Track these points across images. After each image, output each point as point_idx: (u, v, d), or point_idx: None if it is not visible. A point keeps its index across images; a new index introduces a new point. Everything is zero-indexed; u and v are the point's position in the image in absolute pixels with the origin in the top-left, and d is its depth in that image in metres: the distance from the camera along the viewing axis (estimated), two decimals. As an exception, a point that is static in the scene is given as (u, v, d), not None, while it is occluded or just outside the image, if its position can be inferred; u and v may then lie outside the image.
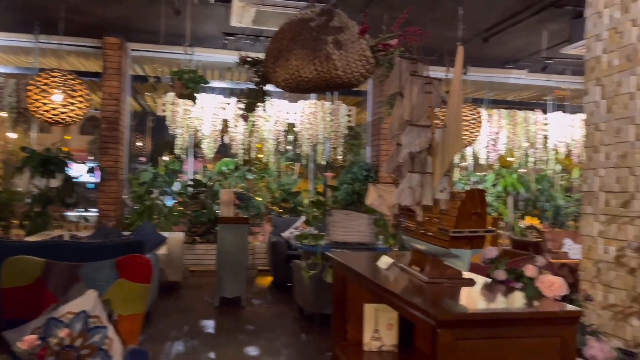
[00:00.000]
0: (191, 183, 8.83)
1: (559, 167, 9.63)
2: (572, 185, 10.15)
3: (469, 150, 9.01)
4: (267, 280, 8.01)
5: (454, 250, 1.52)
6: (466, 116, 7.21)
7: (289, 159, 10.02)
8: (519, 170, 9.70)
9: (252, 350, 4.56)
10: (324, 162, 9.08)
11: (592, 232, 3.70)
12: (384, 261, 1.99)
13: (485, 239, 1.51)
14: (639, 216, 3.29)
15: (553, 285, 1.42)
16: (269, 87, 3.61)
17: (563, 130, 9.07)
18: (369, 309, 2.16)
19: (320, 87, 2.92)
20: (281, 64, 2.85)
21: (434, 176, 1.63)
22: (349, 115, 8.73)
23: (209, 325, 5.37)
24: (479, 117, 6.86)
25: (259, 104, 3.16)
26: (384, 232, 3.97)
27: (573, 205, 9.42)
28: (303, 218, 7.94)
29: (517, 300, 1.48)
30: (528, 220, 9.87)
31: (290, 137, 9.04)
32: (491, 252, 1.82)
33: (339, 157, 9.27)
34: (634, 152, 3.36)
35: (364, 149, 9.66)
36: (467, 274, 1.73)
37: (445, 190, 1.59)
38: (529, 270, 1.56)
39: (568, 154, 9.28)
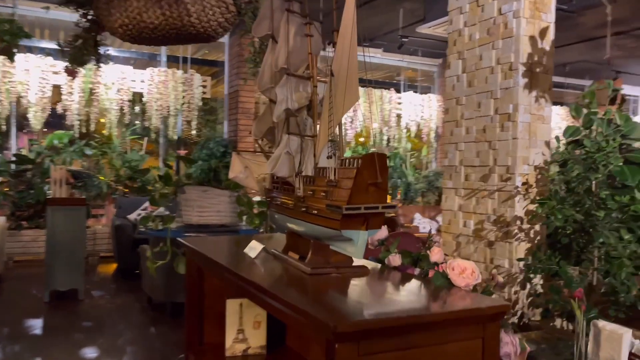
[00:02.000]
0: (14, 159, 7.54)
1: (409, 145, 10.06)
2: (421, 162, 10.69)
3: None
4: (110, 267, 7.20)
5: (346, 232, 1.20)
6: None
7: (136, 133, 9.07)
8: (373, 148, 9.94)
9: (90, 352, 3.92)
10: (176, 137, 8.35)
11: (453, 206, 3.71)
12: (253, 247, 1.61)
13: (383, 217, 1.22)
14: (497, 190, 3.34)
15: (465, 272, 1.18)
16: (112, 51, 2.98)
17: (414, 110, 9.44)
18: (232, 305, 1.77)
19: (169, 37, 2.41)
20: (117, 4, 2.28)
21: (318, 139, 1.29)
22: (203, 86, 8.10)
23: (36, 324, 4.56)
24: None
25: (90, 56, 2.54)
26: (248, 210, 3.57)
27: (422, 182, 9.90)
28: (152, 197, 7.22)
29: (426, 294, 1.20)
30: (381, 197, 10.19)
31: (137, 109, 8.15)
32: (381, 231, 1.55)
33: (193, 132, 8.61)
34: (494, 126, 3.39)
35: (220, 124, 9.11)
36: (357, 261, 1.42)
37: (335, 156, 1.27)
38: (435, 254, 1.31)
39: (418, 133, 9.70)
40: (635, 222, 2.89)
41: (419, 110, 9.45)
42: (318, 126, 1.29)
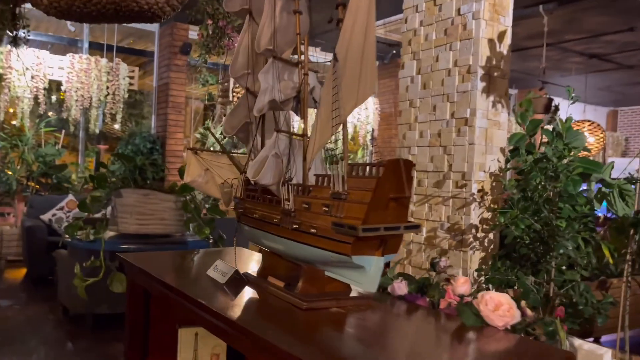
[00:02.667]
0: None
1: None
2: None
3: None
4: (19, 273, 6.50)
5: (357, 258, 0.94)
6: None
7: (52, 124, 8.30)
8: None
9: (-5, 375, 3.42)
10: (97, 131, 7.71)
11: (404, 212, 3.58)
12: (221, 269, 1.32)
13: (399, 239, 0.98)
14: (452, 196, 3.23)
15: (500, 308, 0.97)
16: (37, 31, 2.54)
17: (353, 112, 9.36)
18: (185, 335, 1.48)
19: (106, 14, 2.05)
20: (43, -31, 1.91)
21: (314, 139, 1.04)
22: (130, 77, 7.53)
23: None
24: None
25: (5, 31, 2.12)
26: (196, 218, 3.17)
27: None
28: (70, 196, 6.59)
29: (470, 340, 0.97)
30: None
31: (54, 98, 7.44)
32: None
33: (117, 125, 8.00)
34: (450, 130, 3.29)
35: (145, 118, 8.54)
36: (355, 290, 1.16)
37: (342, 161, 1.02)
38: (461, 284, 1.09)
39: (355, 135, 9.63)
40: (591, 232, 2.88)
41: (356, 112, 9.38)
42: (309, 124, 1.05)
